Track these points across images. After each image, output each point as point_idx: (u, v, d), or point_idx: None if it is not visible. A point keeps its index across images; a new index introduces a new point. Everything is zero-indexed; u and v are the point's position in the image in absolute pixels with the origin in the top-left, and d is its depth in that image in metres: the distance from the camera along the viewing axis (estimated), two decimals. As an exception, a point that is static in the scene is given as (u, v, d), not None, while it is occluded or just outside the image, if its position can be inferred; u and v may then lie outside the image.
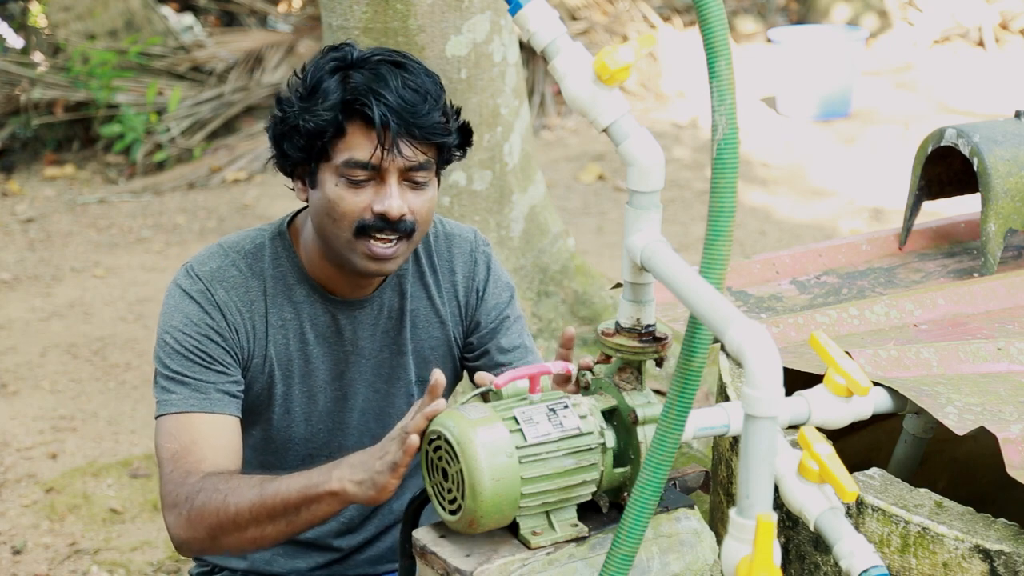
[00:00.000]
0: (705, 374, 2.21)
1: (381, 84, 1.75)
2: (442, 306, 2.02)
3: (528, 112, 3.95)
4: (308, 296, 1.93)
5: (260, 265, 1.92)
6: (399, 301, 1.99)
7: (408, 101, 1.76)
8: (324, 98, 1.76)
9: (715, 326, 1.32)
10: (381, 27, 3.44)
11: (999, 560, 1.58)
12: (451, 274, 2.02)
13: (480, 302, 2.03)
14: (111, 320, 4.96)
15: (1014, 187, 2.28)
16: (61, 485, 3.67)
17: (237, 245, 1.93)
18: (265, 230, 1.95)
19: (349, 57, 1.80)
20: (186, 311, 1.86)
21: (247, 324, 1.89)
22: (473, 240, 2.05)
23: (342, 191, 1.79)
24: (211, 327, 1.86)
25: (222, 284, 1.88)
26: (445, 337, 2.03)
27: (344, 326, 1.95)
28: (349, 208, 1.79)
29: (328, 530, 2.06)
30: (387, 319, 1.98)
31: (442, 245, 2.03)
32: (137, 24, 7.81)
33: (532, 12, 1.50)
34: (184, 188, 6.68)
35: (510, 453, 1.51)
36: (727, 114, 1.33)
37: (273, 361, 1.92)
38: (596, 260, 5.23)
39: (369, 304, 1.96)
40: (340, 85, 1.77)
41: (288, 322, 1.92)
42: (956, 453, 2.33)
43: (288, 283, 1.92)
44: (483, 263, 2.04)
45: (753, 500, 1.29)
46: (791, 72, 7.51)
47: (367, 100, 1.74)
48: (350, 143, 1.77)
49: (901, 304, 2.15)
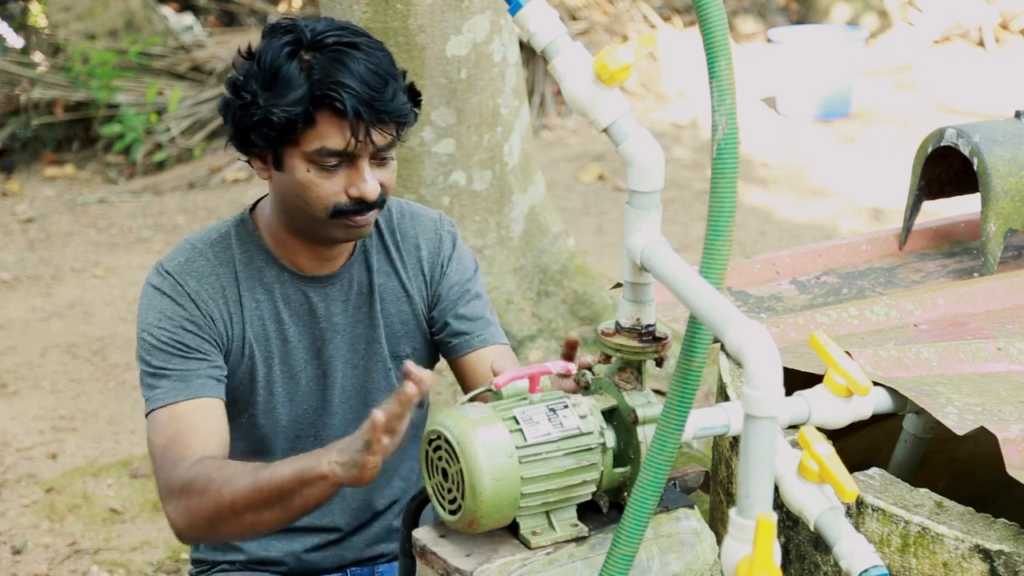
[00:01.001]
0: (705, 374, 2.21)
1: (345, 73, 1.77)
2: (408, 281, 2.04)
3: (528, 112, 3.95)
4: (278, 276, 1.96)
5: (228, 252, 1.95)
6: (367, 275, 2.02)
7: (374, 87, 1.78)
8: (289, 89, 1.77)
9: (715, 326, 1.32)
10: (381, 27, 3.44)
11: (999, 560, 1.58)
12: (416, 250, 2.05)
13: (443, 276, 2.06)
14: (111, 320, 4.96)
15: (1014, 187, 2.28)
16: (61, 485, 3.68)
17: (203, 238, 1.97)
18: (228, 220, 2.00)
19: (304, 38, 1.80)
20: (159, 307, 1.90)
21: (222, 311, 1.92)
22: (438, 220, 2.09)
23: (314, 177, 1.82)
24: (185, 318, 1.89)
25: (191, 275, 1.92)
26: (413, 312, 2.05)
27: (316, 303, 1.98)
28: (323, 193, 1.82)
29: (326, 510, 2.07)
30: (357, 294, 2.01)
31: (407, 223, 2.06)
32: (137, 24, 7.82)
33: (532, 12, 1.50)
34: (184, 188, 6.68)
35: (510, 453, 1.51)
36: (727, 114, 1.33)
37: (252, 343, 1.95)
38: (596, 260, 5.23)
39: (339, 279, 1.99)
40: (303, 74, 1.77)
41: (262, 303, 1.95)
42: (956, 453, 2.33)
43: (257, 266, 1.95)
44: (448, 240, 2.07)
45: (753, 500, 1.29)
46: (791, 72, 7.51)
47: (336, 93, 1.76)
48: (320, 132, 1.79)
49: (901, 304, 2.16)
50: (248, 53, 1.84)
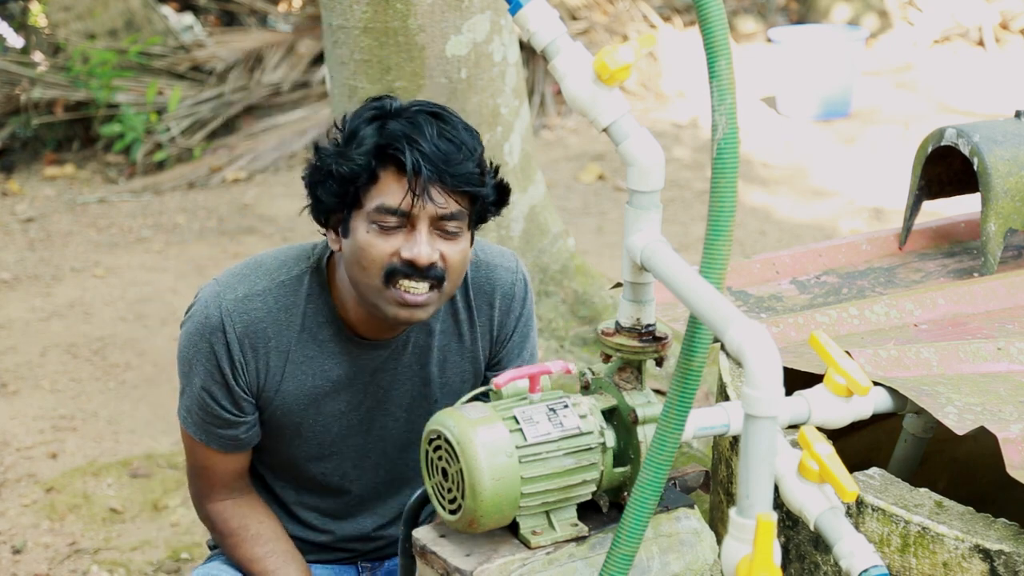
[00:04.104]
0: (705, 374, 2.21)
1: (416, 131, 1.75)
2: (472, 342, 2.00)
3: (528, 112, 3.95)
4: (335, 336, 1.92)
5: (295, 298, 1.90)
6: (426, 338, 1.97)
7: (442, 150, 1.75)
8: (359, 144, 1.76)
9: (715, 326, 1.32)
10: (381, 27, 3.44)
11: (999, 560, 1.58)
12: (488, 308, 2.00)
13: (510, 340, 2.03)
14: (111, 320, 4.96)
15: (1014, 187, 2.28)
16: (61, 485, 3.67)
17: (275, 272, 1.91)
18: (305, 260, 1.93)
19: (388, 107, 1.79)
20: (202, 367, 1.89)
21: (261, 361, 1.89)
22: (515, 270, 2.03)
23: (372, 237, 1.77)
24: (223, 383, 1.89)
25: (242, 317, 1.87)
26: (475, 371, 2.03)
27: (366, 364, 1.95)
28: (378, 254, 1.77)
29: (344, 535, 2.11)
30: (411, 354, 1.97)
31: (481, 276, 2.00)
32: (137, 24, 7.81)
33: (532, 12, 1.50)
34: (184, 188, 6.68)
35: (510, 453, 1.51)
36: (727, 114, 1.33)
37: (290, 394, 1.92)
38: (596, 260, 5.23)
39: (395, 342, 1.95)
40: (376, 132, 1.76)
41: (311, 359, 1.92)
42: (956, 453, 2.33)
43: (318, 321, 1.91)
44: (520, 297, 2.03)
45: (753, 500, 1.29)
46: (791, 72, 7.51)
47: (400, 145, 1.73)
48: (382, 189, 1.76)
49: (901, 304, 2.15)
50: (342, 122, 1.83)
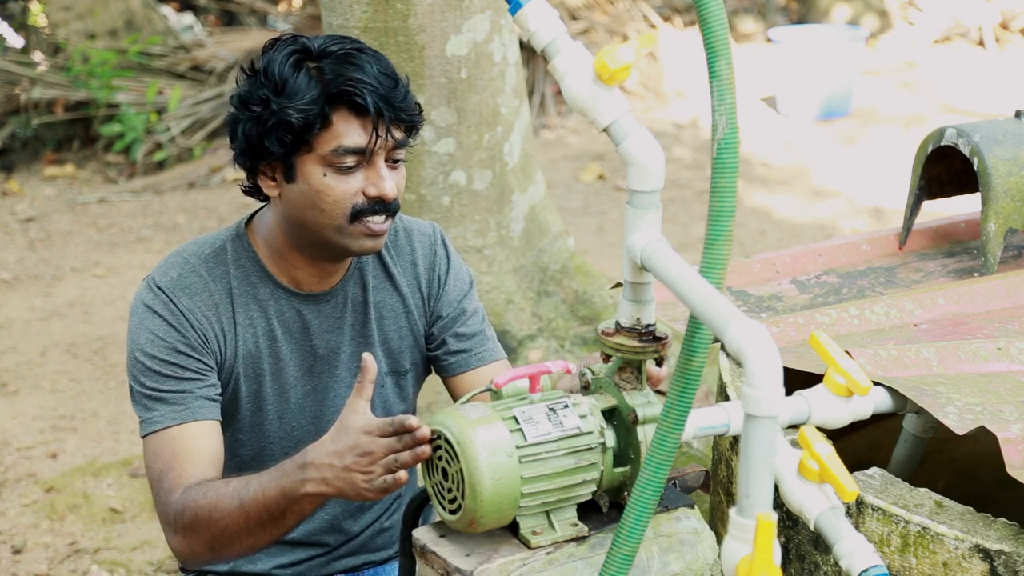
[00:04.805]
0: (705, 374, 2.21)
1: (359, 71, 1.78)
2: (406, 296, 2.04)
3: (528, 112, 3.95)
4: (272, 293, 1.94)
5: (222, 267, 1.93)
6: (362, 293, 2.01)
7: (386, 86, 1.80)
8: (301, 93, 1.77)
9: (715, 326, 1.32)
10: (381, 26, 3.44)
11: (999, 560, 1.58)
12: (413, 266, 2.05)
13: (441, 293, 2.05)
14: (111, 320, 4.96)
15: (1014, 187, 2.28)
16: (61, 485, 3.68)
17: (196, 252, 1.94)
18: (223, 233, 1.97)
19: (309, 48, 1.81)
20: (152, 327, 1.86)
21: (215, 328, 1.90)
22: (432, 234, 2.08)
23: (330, 180, 1.80)
24: (179, 339, 1.86)
25: (184, 291, 1.89)
26: (411, 328, 2.05)
27: (310, 320, 1.97)
28: (341, 195, 1.81)
29: (314, 528, 2.07)
30: (352, 311, 2.00)
31: (402, 239, 2.05)
32: (137, 23, 7.82)
33: (532, 12, 1.50)
34: (184, 187, 6.68)
35: (510, 452, 1.51)
36: (727, 114, 1.32)
37: (244, 360, 1.93)
38: (596, 260, 5.23)
39: (333, 297, 1.98)
40: (314, 80, 1.78)
41: (255, 320, 1.94)
42: (956, 453, 2.33)
43: (251, 282, 1.94)
44: (443, 255, 2.07)
45: (753, 500, 1.28)
46: (791, 72, 7.51)
47: (354, 88, 1.77)
48: (337, 132, 1.79)
49: (901, 304, 2.15)
50: (251, 69, 1.84)
